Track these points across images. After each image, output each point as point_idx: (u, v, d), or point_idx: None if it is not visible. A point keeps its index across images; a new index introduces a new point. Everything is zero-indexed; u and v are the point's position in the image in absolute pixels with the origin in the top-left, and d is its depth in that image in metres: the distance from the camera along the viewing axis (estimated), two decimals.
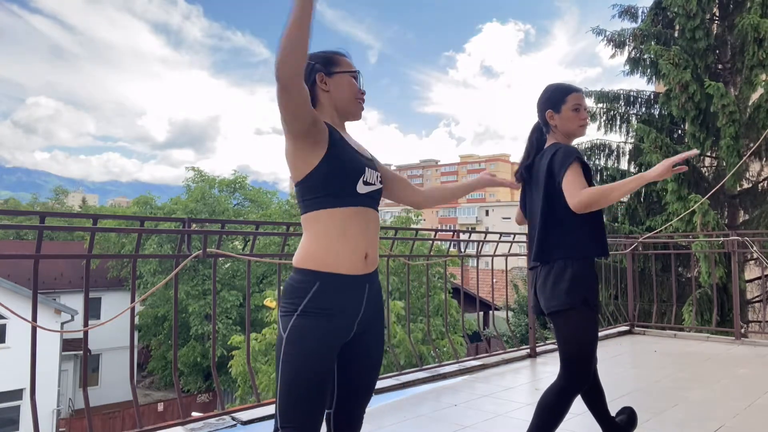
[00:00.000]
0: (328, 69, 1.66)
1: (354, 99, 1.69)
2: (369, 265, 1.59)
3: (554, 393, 2.11)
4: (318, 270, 1.52)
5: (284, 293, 1.56)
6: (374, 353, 1.64)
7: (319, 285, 1.51)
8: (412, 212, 21.29)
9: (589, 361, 2.11)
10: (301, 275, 1.54)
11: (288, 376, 1.48)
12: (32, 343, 2.54)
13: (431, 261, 6.12)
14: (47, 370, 15.78)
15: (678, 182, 9.51)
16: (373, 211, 1.63)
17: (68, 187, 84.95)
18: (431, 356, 11.32)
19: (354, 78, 1.69)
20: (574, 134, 2.28)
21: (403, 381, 3.80)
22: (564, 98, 2.25)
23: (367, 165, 1.63)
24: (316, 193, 1.54)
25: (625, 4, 11.57)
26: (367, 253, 1.57)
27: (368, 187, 1.61)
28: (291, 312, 1.51)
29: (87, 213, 10.03)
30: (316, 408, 1.50)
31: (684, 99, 9.34)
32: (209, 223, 4.18)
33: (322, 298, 1.50)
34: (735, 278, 5.73)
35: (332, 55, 1.69)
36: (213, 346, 3.39)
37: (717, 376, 4.07)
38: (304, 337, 1.48)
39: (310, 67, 1.63)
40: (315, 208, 1.54)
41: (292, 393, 1.48)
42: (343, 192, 1.54)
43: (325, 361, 1.50)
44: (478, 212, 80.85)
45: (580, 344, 2.09)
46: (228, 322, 20.02)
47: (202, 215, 22.28)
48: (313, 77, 1.65)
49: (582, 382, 2.11)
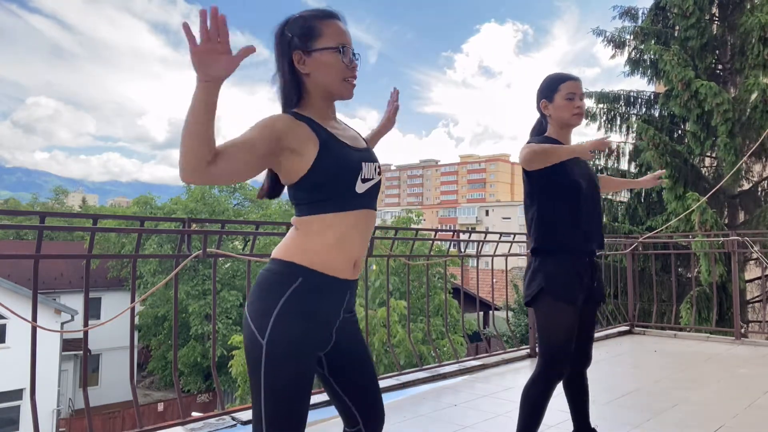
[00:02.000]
0: (307, 44, 1.39)
1: (339, 81, 1.42)
2: (355, 272, 1.45)
3: (530, 382, 2.20)
4: (303, 264, 1.35)
5: (257, 288, 1.37)
6: (359, 354, 1.52)
7: (302, 281, 1.35)
8: (413, 212, 21.28)
9: (561, 349, 2.15)
10: (281, 266, 1.37)
11: (273, 384, 1.33)
12: (32, 343, 2.54)
13: (431, 261, 6.11)
14: (47, 370, 15.78)
15: (674, 181, 9.52)
16: (370, 212, 1.46)
17: (68, 187, 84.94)
18: (431, 356, 11.32)
19: (342, 51, 1.40)
20: (568, 123, 2.26)
21: (403, 381, 3.80)
22: (557, 87, 2.24)
23: (364, 159, 1.43)
24: (309, 198, 1.38)
25: (626, 5, 11.61)
26: (356, 260, 1.44)
27: (367, 183, 1.42)
28: (266, 311, 1.33)
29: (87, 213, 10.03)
30: (304, 414, 1.38)
31: (687, 97, 9.33)
32: (209, 223, 4.17)
33: (304, 296, 1.34)
34: (735, 278, 5.74)
35: (315, 23, 1.40)
36: (213, 346, 3.39)
37: (717, 376, 4.07)
38: (288, 340, 1.32)
39: (287, 40, 1.40)
40: (308, 213, 1.39)
41: (281, 402, 1.33)
42: (340, 196, 1.37)
43: (309, 367, 1.38)
44: (478, 212, 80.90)
45: (549, 333, 2.16)
46: (228, 322, 20.03)
47: (202, 215, 22.30)
48: (289, 55, 1.40)
49: (554, 370, 2.15)
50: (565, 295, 2.14)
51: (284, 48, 1.41)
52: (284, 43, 1.41)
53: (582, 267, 2.20)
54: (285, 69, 1.42)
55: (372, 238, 3.76)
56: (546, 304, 2.16)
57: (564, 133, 2.28)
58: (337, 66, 1.40)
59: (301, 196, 1.39)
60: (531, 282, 2.20)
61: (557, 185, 2.17)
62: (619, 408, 3.29)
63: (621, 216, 10.90)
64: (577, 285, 2.17)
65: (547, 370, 2.16)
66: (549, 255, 2.19)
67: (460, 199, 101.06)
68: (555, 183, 2.17)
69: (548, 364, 2.16)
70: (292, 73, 1.42)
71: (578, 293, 2.17)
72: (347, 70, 1.42)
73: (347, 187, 1.38)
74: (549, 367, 2.16)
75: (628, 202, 11.00)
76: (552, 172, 2.13)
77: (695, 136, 9.64)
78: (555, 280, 2.15)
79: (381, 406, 1.54)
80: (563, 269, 2.16)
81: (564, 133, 2.28)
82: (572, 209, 2.18)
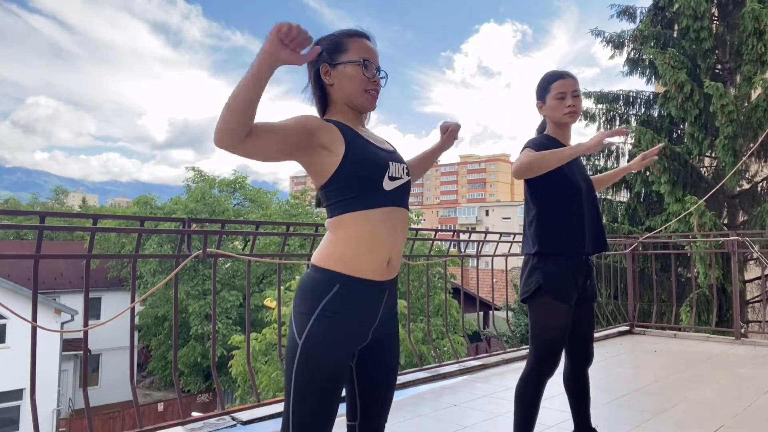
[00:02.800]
0: (333, 58, 1.49)
1: (361, 92, 1.50)
2: (391, 271, 1.49)
3: (522, 378, 2.23)
4: (340, 272, 1.42)
5: (300, 292, 1.46)
6: (391, 358, 1.56)
7: (339, 288, 1.41)
8: (413, 212, 21.29)
9: (552, 346, 2.17)
10: (320, 274, 1.44)
11: (303, 383, 1.39)
12: (32, 343, 2.54)
13: (431, 261, 6.11)
14: (47, 370, 15.78)
15: (672, 183, 9.52)
16: (402, 210, 1.50)
17: (68, 187, 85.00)
18: (431, 356, 11.33)
19: (365, 65, 1.48)
20: (561, 122, 2.25)
21: (403, 381, 3.80)
22: (548, 87, 2.24)
23: (390, 158, 1.50)
24: (339, 196, 1.43)
25: (623, 4, 11.60)
26: (391, 258, 1.47)
27: (395, 182, 1.47)
28: (308, 314, 1.41)
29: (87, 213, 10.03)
30: (330, 417, 1.42)
31: (681, 99, 9.36)
32: (209, 223, 4.17)
33: (342, 302, 1.41)
34: (735, 278, 5.74)
35: (342, 39, 1.50)
36: (213, 346, 3.39)
37: (717, 376, 4.07)
38: (322, 343, 1.39)
39: (318, 54, 1.45)
40: (339, 212, 1.44)
41: (308, 401, 1.39)
42: (369, 192, 1.43)
43: (343, 369, 1.43)
44: (478, 212, 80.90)
45: (542, 330, 2.19)
46: (228, 322, 20.01)
47: (202, 215, 22.27)
48: (317, 68, 1.50)
49: (545, 366, 2.18)
50: (561, 295, 2.16)
51: (314, 60, 1.48)
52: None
53: (578, 268, 2.23)
54: (312, 79, 1.53)
55: None
56: (542, 303, 2.18)
57: (562, 132, 2.28)
58: (358, 78, 1.49)
59: (332, 196, 1.45)
60: (528, 279, 2.22)
61: (557, 187, 2.18)
62: (619, 408, 3.29)
63: (621, 216, 10.90)
64: (572, 285, 2.20)
65: (539, 365, 2.18)
66: (548, 255, 2.19)
67: (460, 199, 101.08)
68: (555, 185, 2.18)
69: (539, 360, 2.18)
70: (319, 83, 1.52)
71: (573, 293, 2.20)
72: (369, 82, 1.50)
73: (375, 184, 1.44)
74: (540, 363, 2.18)
75: (628, 202, 11.00)
76: (552, 174, 2.13)
77: (693, 137, 9.64)
78: (552, 280, 2.17)
79: (385, 414, 1.57)
80: (560, 270, 2.18)
81: (562, 132, 2.28)
82: (572, 211, 2.19)
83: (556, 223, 2.18)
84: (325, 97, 1.53)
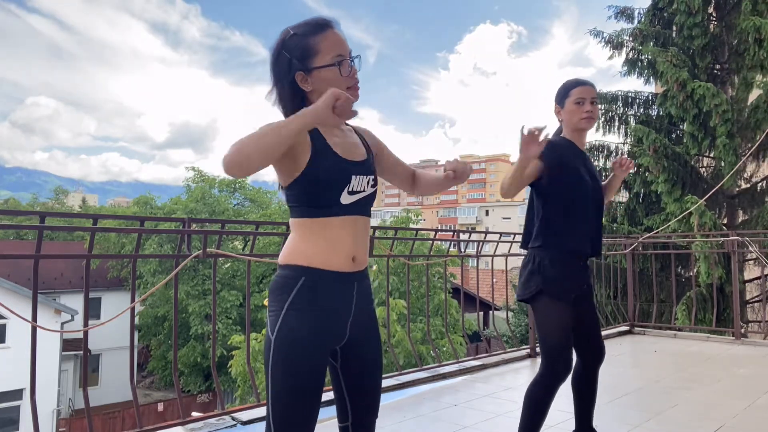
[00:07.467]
0: (305, 64, 1.44)
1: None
2: (357, 265, 1.49)
3: (533, 382, 2.21)
4: (304, 265, 1.43)
5: (270, 292, 1.47)
6: (373, 351, 1.54)
7: (305, 280, 1.42)
8: (412, 212, 21.29)
9: (561, 348, 2.17)
10: (286, 270, 1.45)
11: (279, 381, 1.37)
12: (32, 343, 2.54)
13: (431, 261, 6.13)
14: (47, 370, 15.77)
15: (671, 183, 9.52)
16: (361, 218, 1.49)
17: (68, 187, 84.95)
18: (431, 356, 11.33)
19: (340, 64, 1.44)
20: (578, 127, 2.32)
21: (403, 381, 3.80)
22: (568, 92, 2.32)
23: (356, 172, 1.47)
24: (298, 202, 1.45)
25: (621, 4, 11.61)
26: (355, 255, 1.47)
27: (355, 195, 1.46)
28: (277, 310, 1.41)
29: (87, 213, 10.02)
30: (310, 415, 1.39)
31: (682, 98, 9.35)
32: (209, 223, 4.18)
33: (310, 292, 1.41)
34: (735, 278, 5.74)
35: (309, 40, 1.44)
36: (213, 346, 3.39)
37: (717, 376, 4.07)
38: (292, 337, 1.38)
39: (287, 62, 1.44)
40: (299, 216, 1.46)
41: (283, 399, 1.37)
42: (325, 204, 1.43)
43: (319, 365, 1.41)
44: (478, 212, 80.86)
45: (547, 331, 2.19)
46: (228, 322, 20.01)
47: (202, 215, 22.27)
48: (291, 76, 1.45)
49: (556, 370, 2.16)
50: (562, 295, 2.19)
51: (284, 69, 1.45)
52: (283, 63, 1.45)
53: (577, 267, 2.27)
54: (286, 88, 1.47)
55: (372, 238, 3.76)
56: (544, 304, 2.20)
57: (577, 136, 2.35)
58: (336, 81, 1.43)
59: (291, 199, 1.47)
60: (528, 281, 2.25)
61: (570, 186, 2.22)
62: (619, 408, 3.29)
63: (620, 216, 10.90)
64: (571, 284, 2.23)
65: (551, 367, 2.17)
66: (548, 255, 2.21)
67: (459, 199, 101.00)
68: (563, 184, 2.21)
69: (550, 361, 2.18)
70: (295, 91, 1.46)
71: (572, 292, 2.23)
72: (347, 79, 1.46)
73: (332, 198, 1.43)
74: (552, 365, 2.17)
75: (627, 202, 11.00)
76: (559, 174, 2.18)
77: (693, 136, 9.64)
78: (553, 281, 2.19)
79: (375, 410, 1.56)
80: (561, 269, 2.20)
81: (577, 136, 2.35)
82: (579, 212, 2.23)
83: (560, 222, 2.22)
84: (304, 103, 1.45)
